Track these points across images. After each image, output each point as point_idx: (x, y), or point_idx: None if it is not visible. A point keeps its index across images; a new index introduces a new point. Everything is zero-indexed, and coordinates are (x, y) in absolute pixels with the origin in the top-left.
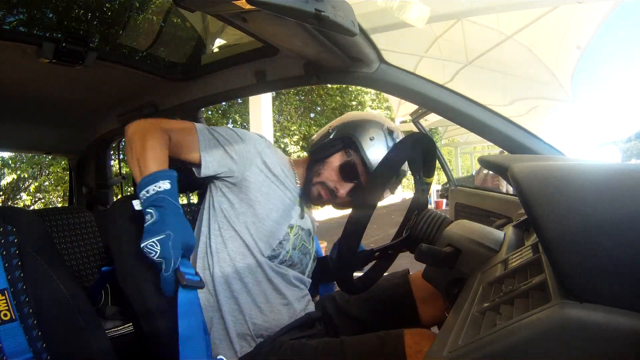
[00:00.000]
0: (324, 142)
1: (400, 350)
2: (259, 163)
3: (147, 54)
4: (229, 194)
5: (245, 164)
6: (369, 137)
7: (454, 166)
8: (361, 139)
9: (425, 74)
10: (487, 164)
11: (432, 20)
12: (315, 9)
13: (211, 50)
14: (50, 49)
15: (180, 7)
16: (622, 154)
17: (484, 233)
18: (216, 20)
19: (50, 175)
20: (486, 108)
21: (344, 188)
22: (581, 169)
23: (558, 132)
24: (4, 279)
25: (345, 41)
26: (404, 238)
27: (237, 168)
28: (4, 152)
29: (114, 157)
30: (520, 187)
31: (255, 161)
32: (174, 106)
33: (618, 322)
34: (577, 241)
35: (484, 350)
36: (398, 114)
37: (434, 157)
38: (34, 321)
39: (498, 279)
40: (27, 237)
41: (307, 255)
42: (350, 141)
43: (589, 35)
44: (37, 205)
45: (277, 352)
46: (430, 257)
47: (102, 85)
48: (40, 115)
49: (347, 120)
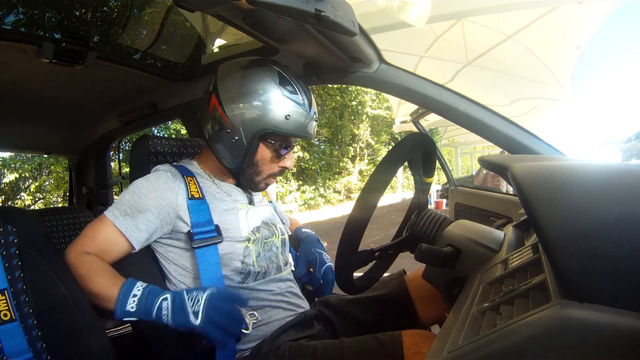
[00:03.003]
0: (235, 150)
1: (398, 352)
2: (177, 203)
3: (147, 54)
4: (172, 245)
5: (168, 213)
6: (279, 113)
7: (454, 166)
8: (272, 124)
9: (425, 74)
10: (487, 164)
11: (432, 20)
12: (315, 9)
13: (211, 50)
14: (50, 49)
15: (180, 7)
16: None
17: (484, 233)
18: (216, 20)
19: (51, 176)
20: (486, 108)
21: (289, 160)
22: (581, 169)
23: (558, 132)
24: (4, 279)
25: (345, 41)
26: (404, 238)
27: (160, 223)
28: (4, 152)
29: (114, 157)
30: (520, 187)
31: (173, 206)
32: (174, 106)
33: (618, 322)
34: (577, 241)
35: (484, 350)
36: (398, 114)
37: (434, 157)
38: (34, 321)
39: (498, 279)
40: (27, 237)
41: (272, 249)
42: (265, 133)
43: (589, 35)
44: (37, 205)
45: (276, 353)
46: (430, 257)
47: (102, 85)
48: (40, 115)
49: (242, 112)
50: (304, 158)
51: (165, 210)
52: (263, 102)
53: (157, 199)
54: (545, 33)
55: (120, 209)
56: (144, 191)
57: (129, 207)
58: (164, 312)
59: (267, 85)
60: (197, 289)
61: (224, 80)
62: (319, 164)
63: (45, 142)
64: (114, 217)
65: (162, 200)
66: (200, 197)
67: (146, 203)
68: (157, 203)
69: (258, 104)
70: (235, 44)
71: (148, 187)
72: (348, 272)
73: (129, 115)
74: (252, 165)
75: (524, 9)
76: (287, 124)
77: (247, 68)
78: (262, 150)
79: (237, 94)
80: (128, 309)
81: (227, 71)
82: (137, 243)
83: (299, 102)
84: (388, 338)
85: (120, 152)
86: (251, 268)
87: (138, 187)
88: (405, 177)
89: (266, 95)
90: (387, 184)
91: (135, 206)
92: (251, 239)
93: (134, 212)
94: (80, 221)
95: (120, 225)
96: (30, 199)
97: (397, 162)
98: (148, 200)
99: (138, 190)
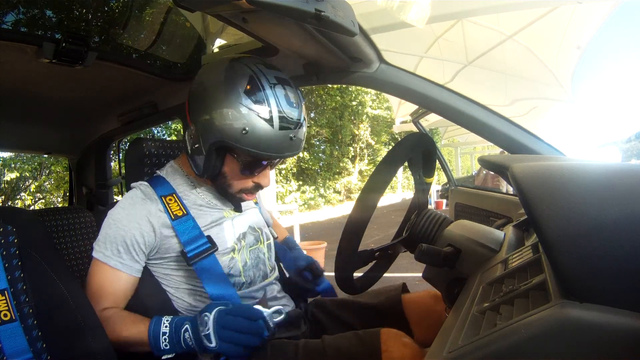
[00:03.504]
0: (198, 155)
1: (376, 346)
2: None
3: (147, 54)
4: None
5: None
6: (235, 125)
7: (454, 166)
8: (227, 136)
9: (425, 74)
10: (487, 164)
11: (432, 20)
12: (315, 9)
13: (211, 50)
14: (50, 49)
15: (180, 7)
16: (622, 154)
17: (484, 233)
18: (216, 20)
19: (51, 176)
20: (486, 108)
21: (264, 178)
22: (581, 169)
23: (558, 132)
24: (4, 279)
25: (345, 41)
26: (404, 238)
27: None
28: (4, 152)
29: (114, 157)
30: (520, 187)
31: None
32: (174, 106)
33: (618, 322)
34: (577, 241)
35: (484, 350)
36: (398, 114)
37: (434, 157)
38: (34, 321)
39: (498, 279)
40: (27, 237)
41: (259, 255)
42: (223, 145)
43: (589, 35)
44: (37, 205)
45: (257, 351)
46: (430, 257)
47: (102, 85)
48: (40, 115)
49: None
50: (304, 158)
51: (149, 234)
52: (219, 110)
53: (138, 226)
54: (545, 33)
55: (108, 247)
56: (124, 222)
57: (114, 243)
58: (190, 343)
59: (229, 90)
60: (205, 310)
61: (199, 77)
62: (319, 164)
63: (45, 142)
64: (106, 257)
65: (142, 226)
66: (185, 214)
67: (130, 234)
68: (139, 230)
69: (215, 111)
70: (235, 44)
71: (126, 216)
72: (348, 272)
73: (129, 115)
74: (220, 176)
75: (524, 9)
76: (245, 138)
77: (224, 65)
78: (230, 163)
79: (202, 95)
80: (164, 348)
81: (206, 67)
82: (138, 273)
83: (263, 117)
84: (367, 334)
85: (120, 152)
86: (237, 279)
87: (115, 219)
88: (405, 177)
89: (225, 102)
90: (387, 184)
91: (121, 240)
92: (236, 248)
93: (122, 246)
94: (80, 221)
95: (116, 265)
96: (30, 199)
97: (397, 162)
98: (130, 230)
99: (117, 223)
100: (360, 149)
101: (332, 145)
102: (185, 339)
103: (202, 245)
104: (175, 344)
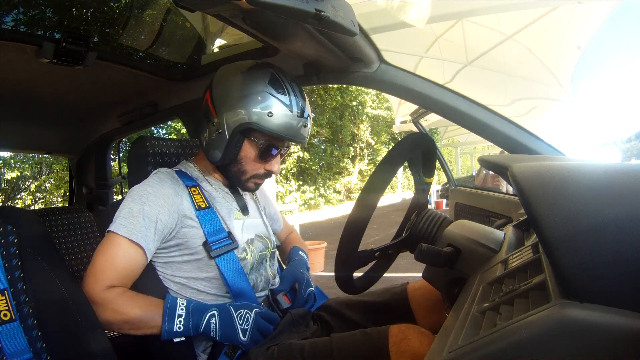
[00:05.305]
0: (218, 143)
1: (383, 342)
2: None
3: (147, 54)
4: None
5: (176, 218)
6: (261, 109)
7: (454, 166)
8: (255, 119)
9: (425, 74)
10: (487, 164)
11: (432, 20)
12: (315, 9)
13: (211, 50)
14: (50, 49)
15: (180, 7)
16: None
17: (484, 233)
18: (216, 20)
19: (51, 175)
20: (486, 108)
21: (275, 164)
22: (581, 169)
23: (558, 132)
24: (4, 279)
25: (345, 41)
26: (404, 238)
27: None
28: (4, 152)
29: (114, 157)
30: (520, 187)
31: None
32: (174, 106)
33: (618, 322)
34: (577, 241)
35: (484, 350)
36: (398, 114)
37: (434, 157)
38: (34, 321)
39: (498, 279)
40: (27, 237)
41: (263, 262)
42: (248, 129)
43: (589, 35)
44: (38, 205)
45: (265, 353)
46: (430, 257)
47: (102, 85)
48: (40, 115)
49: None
50: (304, 158)
51: (172, 216)
52: (247, 96)
53: (166, 205)
54: (545, 33)
55: (131, 221)
56: (151, 198)
57: (139, 217)
58: (212, 327)
59: (256, 81)
60: (244, 306)
61: (220, 78)
62: (319, 164)
63: (45, 142)
64: (128, 231)
65: (170, 206)
66: (208, 207)
67: (156, 210)
68: (167, 209)
69: (243, 98)
70: (235, 44)
71: (153, 194)
72: (348, 272)
73: (129, 115)
74: (236, 163)
75: (524, 9)
76: (269, 121)
77: (245, 68)
78: (247, 148)
79: (228, 88)
80: (176, 330)
81: (226, 70)
82: (151, 255)
83: (285, 103)
84: (375, 331)
85: (120, 152)
86: None
87: (142, 195)
88: (405, 177)
89: (252, 90)
90: (387, 184)
91: (147, 215)
92: (247, 250)
93: (146, 221)
94: (80, 221)
95: (138, 239)
96: (31, 198)
97: (397, 162)
98: (156, 206)
99: (144, 198)
100: (360, 149)
101: (332, 145)
102: (208, 323)
103: (224, 239)
104: (190, 327)
